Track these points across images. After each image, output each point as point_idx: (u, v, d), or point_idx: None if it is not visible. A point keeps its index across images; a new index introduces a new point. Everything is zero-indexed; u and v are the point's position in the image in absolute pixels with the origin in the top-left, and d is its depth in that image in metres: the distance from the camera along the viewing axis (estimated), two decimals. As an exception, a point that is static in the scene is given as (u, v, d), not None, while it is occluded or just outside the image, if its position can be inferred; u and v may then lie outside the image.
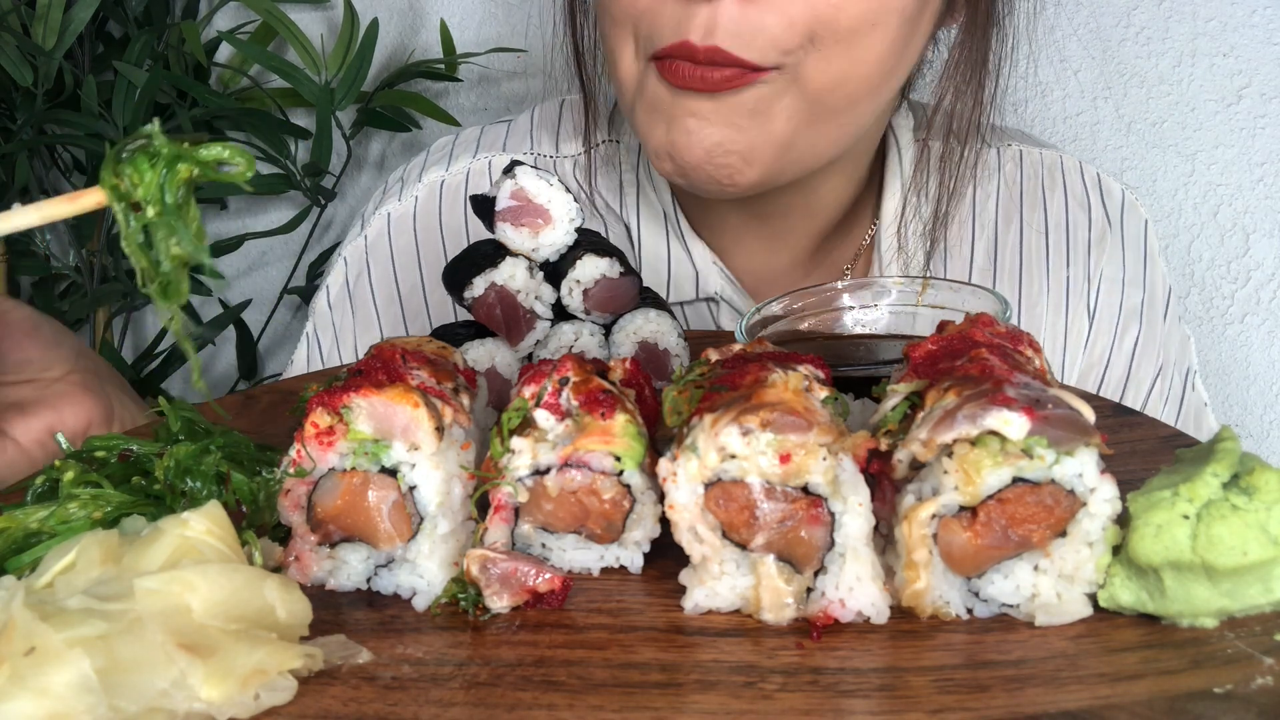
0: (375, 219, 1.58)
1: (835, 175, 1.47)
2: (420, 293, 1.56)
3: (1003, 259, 1.56)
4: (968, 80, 1.40)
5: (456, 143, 1.62)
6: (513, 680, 0.80)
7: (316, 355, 1.60)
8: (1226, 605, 0.83)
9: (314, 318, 1.62)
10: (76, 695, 0.71)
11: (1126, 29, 1.96)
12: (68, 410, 1.19)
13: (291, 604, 0.81)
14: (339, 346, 1.58)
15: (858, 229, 1.57)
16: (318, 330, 1.61)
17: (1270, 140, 1.96)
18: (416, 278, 1.56)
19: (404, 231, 1.56)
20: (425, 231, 1.56)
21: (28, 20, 1.98)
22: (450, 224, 1.55)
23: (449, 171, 1.57)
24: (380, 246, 1.57)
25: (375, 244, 1.57)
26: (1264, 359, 2.06)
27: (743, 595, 0.87)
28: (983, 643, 0.84)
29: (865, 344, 1.21)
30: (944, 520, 0.85)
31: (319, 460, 0.90)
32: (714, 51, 1.20)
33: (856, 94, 1.29)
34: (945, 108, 1.42)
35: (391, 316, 1.56)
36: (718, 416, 0.85)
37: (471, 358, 1.11)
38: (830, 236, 1.56)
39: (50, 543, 0.89)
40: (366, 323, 1.56)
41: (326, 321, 1.60)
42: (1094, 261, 1.56)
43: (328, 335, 1.59)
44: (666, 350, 1.14)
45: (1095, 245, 1.57)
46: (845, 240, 1.57)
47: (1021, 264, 1.56)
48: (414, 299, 1.56)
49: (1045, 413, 0.83)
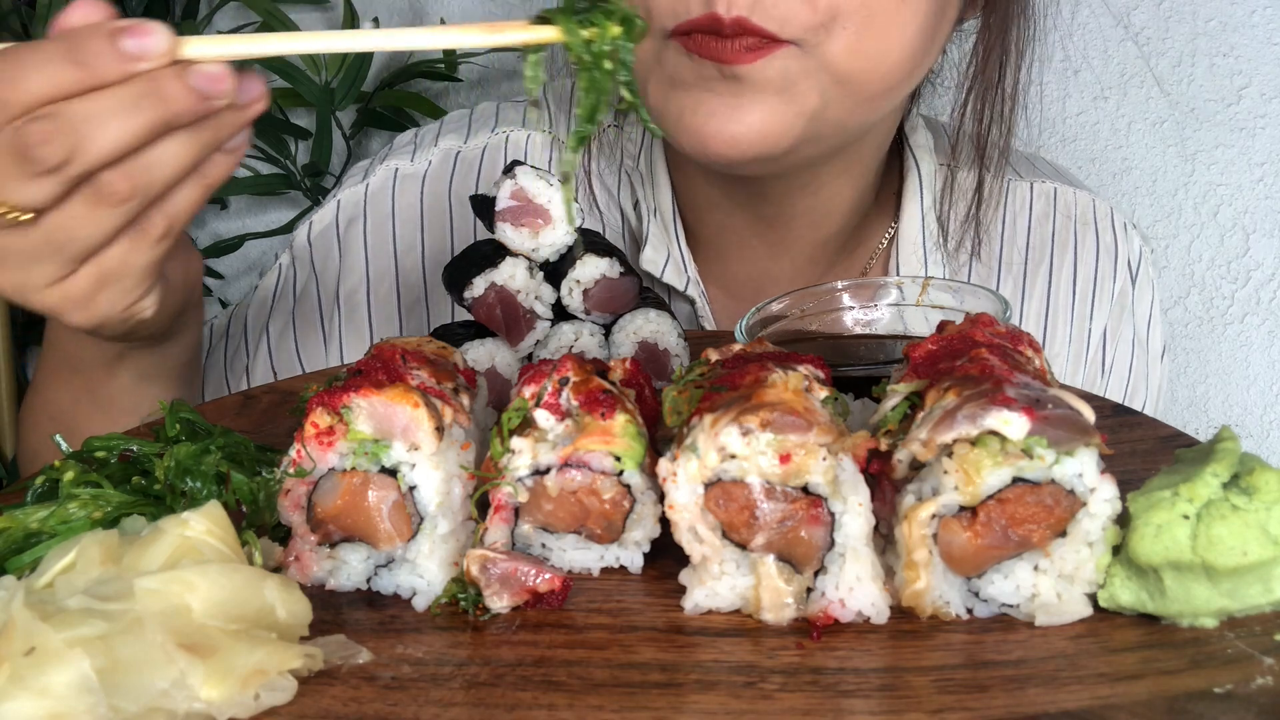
0: (381, 170, 1.55)
1: (838, 178, 1.45)
2: (418, 252, 1.54)
3: (1030, 301, 1.56)
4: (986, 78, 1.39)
5: (474, 117, 1.61)
6: (513, 680, 0.80)
7: (289, 288, 1.56)
8: (1226, 605, 0.83)
9: (292, 250, 1.57)
10: (76, 695, 0.71)
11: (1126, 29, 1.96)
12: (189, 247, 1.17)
13: (291, 604, 0.81)
14: (317, 283, 1.54)
15: (864, 245, 1.56)
16: (295, 263, 1.56)
17: (1270, 140, 1.97)
18: (416, 237, 1.54)
19: (409, 190, 1.54)
20: (433, 196, 1.54)
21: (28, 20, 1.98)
22: (459, 194, 1.54)
23: (466, 144, 1.56)
24: (381, 198, 1.54)
25: (376, 194, 1.54)
26: (1264, 359, 2.06)
27: (743, 595, 0.87)
28: (983, 643, 0.84)
29: (865, 344, 1.21)
30: (944, 520, 0.85)
31: (319, 460, 0.90)
32: (740, 23, 1.17)
33: (895, 74, 1.26)
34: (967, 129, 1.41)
35: (380, 267, 1.53)
36: (718, 416, 0.85)
37: (471, 358, 1.11)
38: (836, 250, 1.54)
39: (50, 543, 0.89)
40: (352, 267, 1.53)
41: (305, 256, 1.55)
42: (1114, 319, 1.57)
43: (304, 269, 1.55)
44: (666, 350, 1.14)
45: (1118, 301, 1.57)
46: (851, 256, 1.56)
47: (1048, 311, 1.56)
48: (409, 256, 1.54)
49: (1045, 413, 0.83)
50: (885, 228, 1.55)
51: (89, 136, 0.87)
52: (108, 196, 0.90)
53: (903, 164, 1.54)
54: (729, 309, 1.55)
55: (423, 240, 1.54)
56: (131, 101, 0.87)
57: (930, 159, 1.53)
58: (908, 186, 1.52)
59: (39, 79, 0.86)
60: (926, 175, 1.52)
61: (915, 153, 1.53)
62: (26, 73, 0.86)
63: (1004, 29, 1.37)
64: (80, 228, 0.92)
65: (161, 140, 0.90)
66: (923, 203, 1.51)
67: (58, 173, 0.88)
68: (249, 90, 0.92)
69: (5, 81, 0.86)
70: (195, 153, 0.92)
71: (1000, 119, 1.42)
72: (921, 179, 1.52)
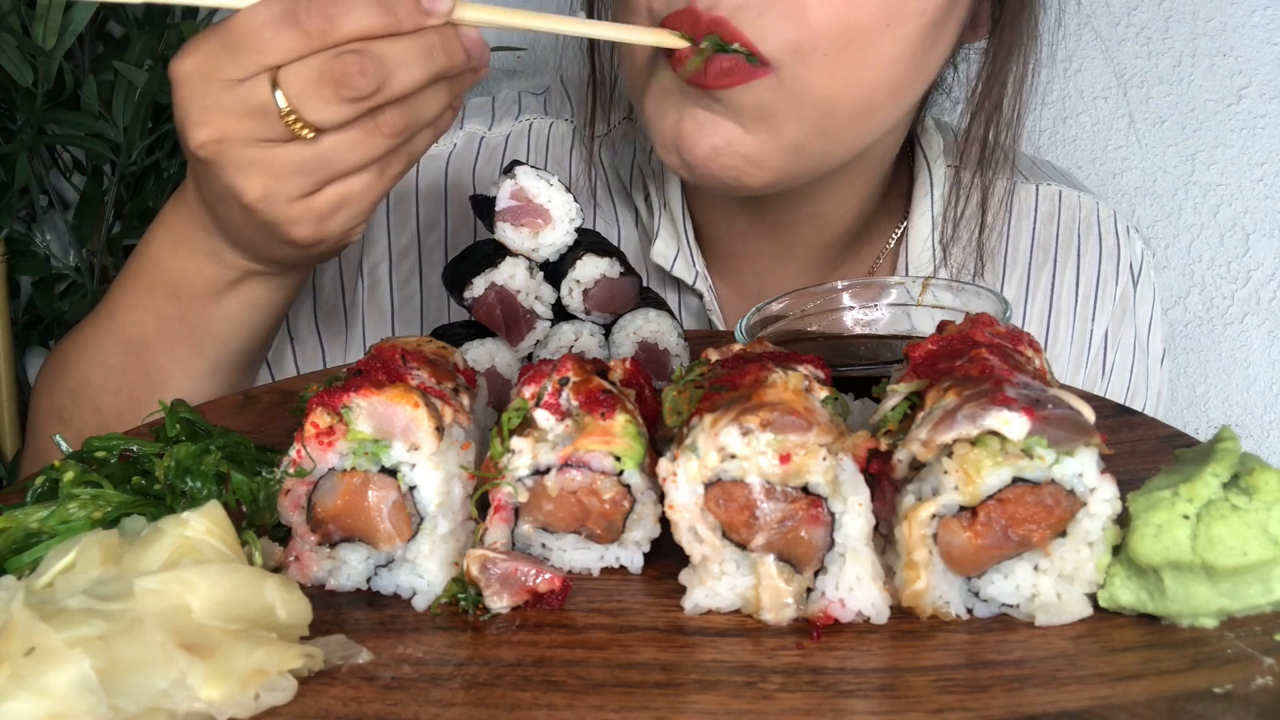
0: None
1: (844, 185, 1.45)
2: (441, 231, 1.55)
3: (1033, 303, 1.56)
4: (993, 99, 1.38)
5: (496, 104, 1.62)
6: (513, 680, 0.80)
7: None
8: (1226, 605, 0.83)
9: None
10: (76, 695, 0.71)
11: (1126, 29, 1.96)
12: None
13: (291, 604, 0.81)
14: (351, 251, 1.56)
15: (870, 247, 1.56)
16: None
17: (1270, 140, 1.97)
18: (439, 216, 1.55)
19: (433, 171, 1.55)
20: (456, 176, 1.55)
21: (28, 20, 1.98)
22: (482, 178, 1.54)
23: (491, 130, 1.57)
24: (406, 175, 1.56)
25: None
26: (1264, 359, 2.06)
27: (743, 595, 0.87)
28: (983, 643, 0.84)
29: (865, 344, 1.21)
30: (944, 520, 0.85)
31: (319, 460, 0.90)
32: (717, 23, 1.16)
33: (871, 99, 1.25)
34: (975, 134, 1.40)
35: (402, 244, 1.55)
36: (718, 416, 0.85)
37: (471, 358, 1.11)
38: (841, 251, 1.54)
39: (50, 543, 0.89)
40: (375, 239, 1.54)
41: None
42: (1115, 322, 1.57)
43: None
44: (666, 350, 1.14)
45: (1119, 304, 1.58)
46: (857, 257, 1.56)
47: (1050, 312, 1.56)
48: (432, 235, 1.55)
49: (1045, 413, 0.83)
50: (893, 227, 1.55)
51: (394, 74, 0.98)
52: (384, 128, 1.02)
53: (912, 165, 1.54)
54: (738, 306, 1.55)
55: (446, 220, 1.54)
56: (426, 51, 0.99)
57: (941, 160, 1.53)
58: (918, 188, 1.53)
59: (357, 18, 0.97)
60: (937, 177, 1.52)
61: (926, 154, 1.53)
62: (347, 11, 0.97)
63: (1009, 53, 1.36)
64: (351, 151, 1.02)
65: (432, 88, 1.02)
66: (933, 204, 1.51)
67: (361, 101, 0.99)
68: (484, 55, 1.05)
69: (327, 17, 0.97)
70: (448, 102, 1.05)
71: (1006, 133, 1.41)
72: (932, 180, 1.52)
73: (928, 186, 1.51)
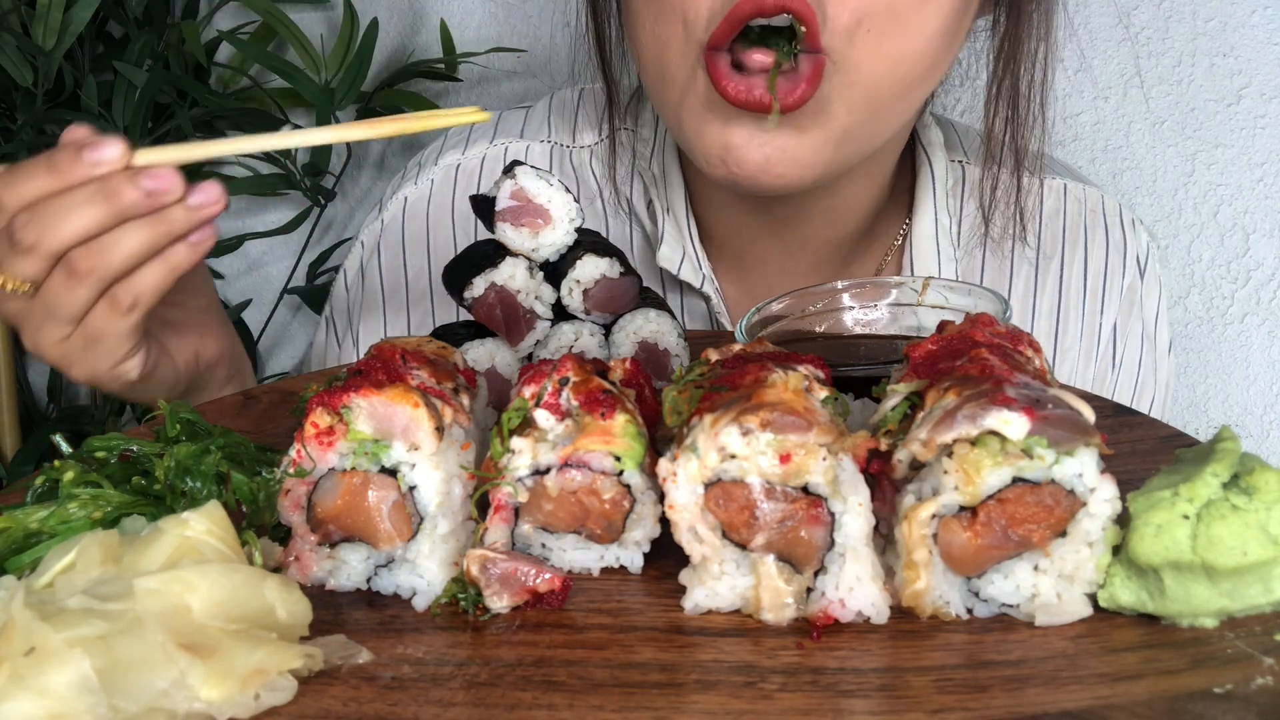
0: (392, 203, 1.58)
1: (857, 179, 1.45)
2: (426, 276, 1.55)
3: (1041, 297, 1.56)
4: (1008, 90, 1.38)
5: (473, 129, 1.62)
6: (513, 680, 0.80)
7: (333, 338, 1.62)
8: (1226, 605, 0.83)
9: (332, 301, 1.64)
10: (76, 695, 0.71)
11: (1126, 29, 1.96)
12: (209, 337, 1.33)
13: (291, 604, 0.81)
14: (352, 329, 1.59)
15: (878, 243, 1.56)
16: (334, 314, 1.63)
17: (1270, 140, 1.96)
18: (424, 261, 1.56)
19: (417, 215, 1.56)
20: (437, 215, 1.56)
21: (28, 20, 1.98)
22: (462, 209, 1.55)
23: (465, 155, 1.57)
24: (393, 230, 1.57)
25: (389, 227, 1.58)
26: (1264, 359, 2.06)
27: (743, 595, 0.87)
28: (983, 643, 0.84)
29: (865, 344, 1.21)
30: (944, 520, 0.85)
31: (319, 460, 0.90)
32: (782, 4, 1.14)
33: (910, 77, 1.25)
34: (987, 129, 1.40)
35: (397, 302, 1.56)
36: (718, 416, 0.85)
37: (471, 358, 1.11)
38: (851, 249, 1.54)
39: (50, 543, 0.89)
40: (371, 306, 1.57)
41: (343, 305, 1.61)
42: (1124, 315, 1.57)
43: (342, 319, 1.61)
44: (666, 350, 1.14)
45: (1127, 297, 1.58)
46: (866, 253, 1.56)
47: (1060, 305, 1.56)
48: (419, 282, 1.55)
49: (1045, 413, 0.83)
50: (900, 225, 1.55)
51: (55, 223, 1.09)
52: (74, 271, 1.11)
53: (914, 161, 1.54)
54: (745, 307, 1.53)
55: (429, 262, 1.56)
56: (87, 197, 1.08)
57: (942, 156, 1.53)
58: (921, 184, 1.52)
59: (27, 185, 1.10)
60: (939, 173, 1.52)
61: (928, 150, 1.53)
62: (18, 182, 1.10)
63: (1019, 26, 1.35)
64: (61, 295, 1.13)
65: (119, 228, 1.10)
66: (935, 200, 1.51)
67: (35, 251, 1.10)
68: (205, 194, 1.12)
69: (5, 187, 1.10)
70: (149, 239, 1.11)
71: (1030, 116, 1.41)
72: (934, 176, 1.52)
73: (930, 183, 1.51)
